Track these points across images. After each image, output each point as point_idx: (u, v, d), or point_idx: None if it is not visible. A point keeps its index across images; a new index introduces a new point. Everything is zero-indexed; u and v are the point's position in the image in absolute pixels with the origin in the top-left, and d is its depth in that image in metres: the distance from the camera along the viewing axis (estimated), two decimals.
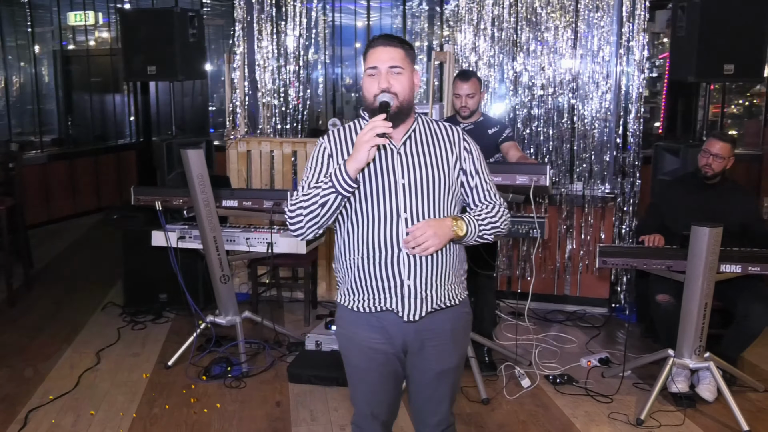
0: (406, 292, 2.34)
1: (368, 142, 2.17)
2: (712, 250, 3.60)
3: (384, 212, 2.33)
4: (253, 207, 4.37)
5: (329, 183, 2.24)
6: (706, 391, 3.99)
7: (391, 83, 2.32)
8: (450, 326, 2.44)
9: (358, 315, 2.41)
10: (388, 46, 2.36)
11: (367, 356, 2.44)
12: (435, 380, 2.48)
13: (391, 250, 2.32)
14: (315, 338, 4.58)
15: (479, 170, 2.46)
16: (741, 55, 4.57)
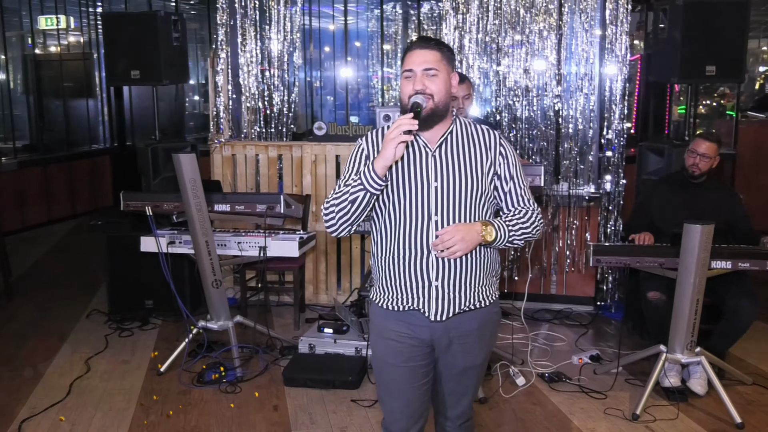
0: (433, 293, 2.39)
1: (394, 140, 2.20)
2: (704, 247, 3.68)
3: (415, 214, 2.38)
4: (245, 211, 4.37)
5: (358, 180, 2.29)
6: (697, 385, 4.07)
7: (426, 85, 2.35)
8: (477, 325, 2.48)
9: (387, 313, 2.47)
10: (424, 49, 2.39)
11: (393, 351, 2.47)
12: (459, 376, 2.55)
13: (420, 251, 2.37)
14: (308, 341, 4.59)
15: (514, 176, 2.48)
16: (722, 57, 4.69)
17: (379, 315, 2.52)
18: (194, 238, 4.35)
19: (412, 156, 2.40)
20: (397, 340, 2.46)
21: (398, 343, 2.46)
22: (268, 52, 5.93)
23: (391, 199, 2.39)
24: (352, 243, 5.70)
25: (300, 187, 5.67)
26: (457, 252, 2.32)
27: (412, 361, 2.47)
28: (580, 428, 3.74)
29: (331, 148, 5.59)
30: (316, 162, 5.63)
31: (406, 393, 2.52)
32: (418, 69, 2.36)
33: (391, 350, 2.48)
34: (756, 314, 4.08)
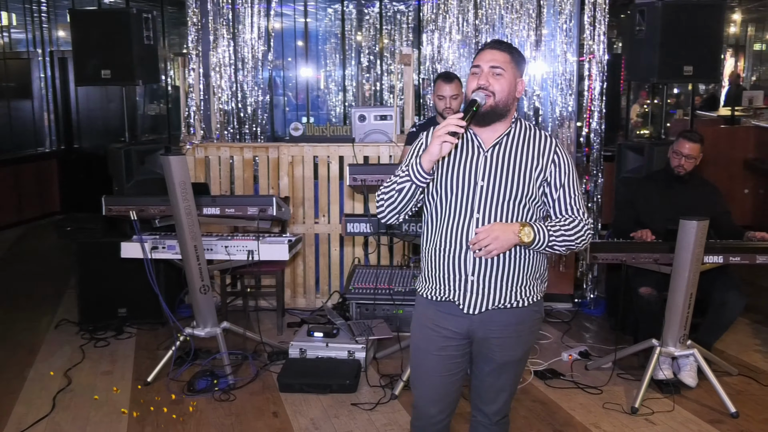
0: (469, 287, 2.49)
1: (439, 138, 2.32)
2: (699, 243, 3.83)
3: (459, 210, 2.48)
4: (236, 214, 4.31)
5: (407, 172, 2.43)
6: (688, 377, 4.23)
7: (489, 82, 2.44)
8: (515, 321, 2.55)
9: (427, 302, 2.58)
10: (495, 50, 2.50)
11: (428, 338, 2.59)
12: (496, 371, 2.62)
13: (459, 245, 2.48)
14: (299, 346, 4.56)
15: (565, 184, 2.51)
16: (699, 57, 4.87)
17: (421, 303, 2.64)
18: (182, 243, 4.27)
19: (466, 154, 2.50)
20: (433, 329, 2.57)
21: (433, 332, 2.57)
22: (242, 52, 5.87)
23: (439, 193, 2.51)
24: (330, 245, 5.69)
25: (277, 189, 5.63)
26: (493, 251, 2.40)
27: (444, 351, 2.57)
28: (584, 423, 3.84)
29: (309, 150, 5.57)
30: (293, 163, 5.60)
31: (435, 380, 2.61)
32: (485, 66, 2.47)
33: (425, 337, 2.59)
34: (742, 306, 4.27)
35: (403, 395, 4.15)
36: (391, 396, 4.14)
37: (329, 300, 5.70)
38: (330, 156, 5.56)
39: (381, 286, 5.07)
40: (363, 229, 4.27)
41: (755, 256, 4.02)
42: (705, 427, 3.80)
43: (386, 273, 5.21)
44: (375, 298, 5.00)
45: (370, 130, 5.72)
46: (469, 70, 2.54)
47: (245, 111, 5.98)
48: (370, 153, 5.52)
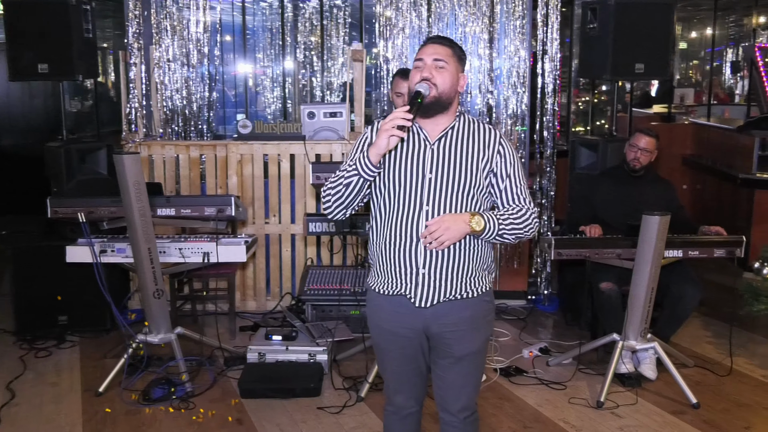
0: (420, 280, 2.55)
1: (387, 131, 2.37)
2: (661, 237, 3.98)
3: (408, 203, 2.54)
4: (192, 215, 4.24)
5: (354, 165, 2.48)
6: (649, 370, 4.39)
7: (432, 74, 2.52)
8: (469, 313, 2.62)
9: (379, 297, 2.64)
10: (437, 44, 2.59)
11: (386, 339, 2.68)
12: (456, 365, 2.66)
13: (410, 238, 2.54)
14: (257, 350, 4.51)
15: (510, 174, 2.61)
16: (650, 55, 5.06)
17: (374, 301, 2.69)
18: (135, 246, 4.18)
19: (413, 147, 2.57)
20: (391, 330, 2.64)
21: (392, 333, 2.64)
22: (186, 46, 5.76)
23: (387, 186, 2.57)
24: (282, 246, 5.65)
25: (225, 189, 5.55)
26: (445, 242, 2.48)
27: (406, 349, 2.66)
28: (553, 419, 3.93)
29: (259, 148, 5.51)
30: (242, 162, 5.53)
31: (401, 376, 2.73)
32: (428, 59, 2.55)
33: (385, 339, 2.68)
34: (699, 299, 4.46)
35: (370, 397, 4.17)
36: (357, 398, 4.15)
37: (280, 302, 5.66)
38: (281, 154, 5.52)
39: (336, 287, 5.07)
40: (325, 228, 4.27)
41: (713, 250, 4.21)
42: (669, 418, 3.95)
43: (340, 273, 5.21)
44: (332, 299, 5.01)
45: (319, 127, 5.70)
46: (412, 64, 2.61)
47: (190, 108, 5.86)
48: (322, 151, 5.51)
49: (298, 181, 5.54)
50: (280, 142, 5.50)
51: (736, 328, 5.07)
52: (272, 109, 10.53)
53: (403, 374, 2.73)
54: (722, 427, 3.87)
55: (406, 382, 2.75)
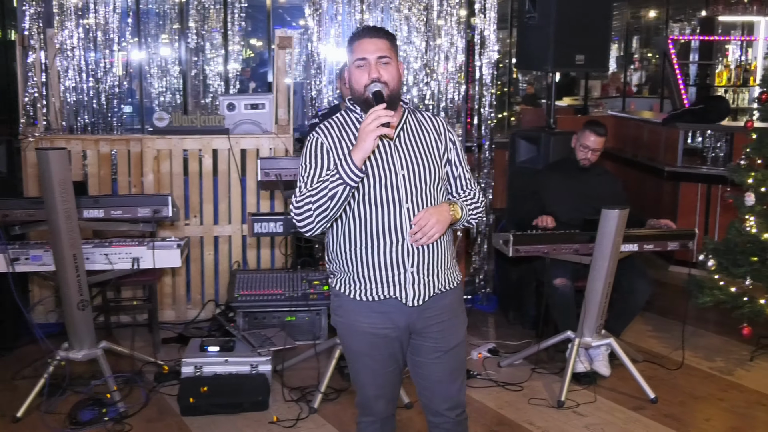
0: (409, 279, 2.60)
1: (373, 132, 2.38)
2: (620, 232, 4.14)
3: (387, 203, 2.57)
4: (124, 216, 4.05)
5: (336, 175, 2.42)
6: (603, 367, 4.56)
7: (381, 73, 2.56)
8: (447, 301, 2.70)
9: (359, 304, 2.64)
10: (375, 38, 2.61)
11: (368, 342, 2.67)
12: (445, 359, 2.73)
13: (394, 239, 2.58)
14: (193, 363, 4.35)
15: (462, 161, 2.78)
16: (590, 47, 5.25)
17: (349, 308, 2.68)
18: (58, 252, 3.94)
19: (377, 146, 2.56)
20: (374, 332, 2.65)
21: (374, 336, 2.65)
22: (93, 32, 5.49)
23: (361, 190, 2.56)
24: (204, 249, 5.48)
25: (140, 188, 5.34)
26: (435, 235, 2.55)
27: (387, 349, 2.69)
28: (517, 422, 4.02)
29: (178, 142, 5.33)
30: (159, 158, 5.33)
31: (383, 379, 2.74)
32: (371, 57, 2.57)
33: (367, 343, 2.68)
34: (649, 293, 4.66)
35: (323, 408, 4.12)
36: (310, 410, 4.10)
37: (201, 311, 5.49)
38: (203, 149, 5.35)
39: (269, 292, 4.98)
40: (273, 229, 4.17)
41: (667, 243, 4.42)
42: (631, 414, 4.12)
43: (271, 277, 5.11)
44: (268, 305, 4.92)
45: (240, 120, 5.58)
46: (351, 64, 2.62)
47: (98, 99, 5.60)
48: (248, 146, 5.38)
49: (221, 178, 5.39)
50: (202, 136, 5.33)
51: (676, 321, 5.35)
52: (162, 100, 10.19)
53: (385, 377, 2.75)
54: (683, 420, 4.07)
55: (388, 385, 2.78)
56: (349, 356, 2.79)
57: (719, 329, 5.33)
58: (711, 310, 5.19)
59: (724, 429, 4.01)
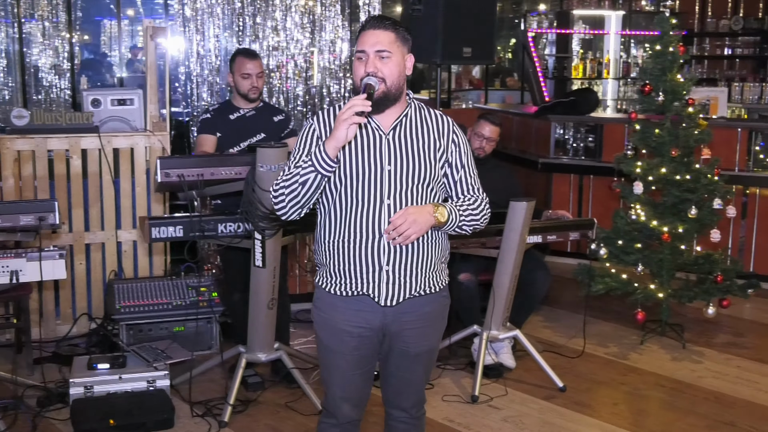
0: (384, 277, 2.64)
1: (346, 121, 2.43)
2: (527, 223, 4.35)
3: (368, 197, 2.61)
4: (5, 225, 3.81)
5: (309, 162, 2.51)
6: (508, 359, 4.77)
7: (378, 67, 2.59)
8: (429, 309, 2.76)
9: (335, 298, 2.70)
10: (378, 29, 2.61)
11: (340, 339, 2.72)
12: (413, 363, 2.81)
13: (371, 235, 2.62)
14: (83, 383, 4.16)
15: (465, 164, 2.78)
16: (476, 40, 5.47)
17: (326, 302, 2.75)
18: None
19: (366, 139, 2.64)
20: (346, 329, 2.70)
21: (347, 333, 2.70)
22: None
23: (343, 182, 2.63)
24: (75, 258, 5.22)
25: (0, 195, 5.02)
26: (411, 236, 2.58)
27: (358, 350, 2.73)
28: (437, 419, 4.13)
29: (41, 142, 5.04)
30: (20, 160, 5.03)
31: (350, 380, 2.81)
32: (370, 50, 2.60)
33: (338, 339, 2.73)
34: (549, 283, 4.93)
35: (234, 421, 4.07)
36: (220, 424, 4.03)
37: (73, 326, 5.23)
38: (71, 149, 5.10)
39: (154, 301, 4.84)
40: (172, 233, 4.05)
41: (568, 233, 4.70)
42: (544, 404, 4.35)
43: (153, 285, 4.97)
44: (155, 316, 4.77)
45: (107, 117, 5.37)
46: (353, 54, 2.68)
47: None
48: (121, 144, 5.18)
49: (92, 180, 5.16)
50: (70, 135, 5.08)
51: (564, 311, 5.69)
52: None
53: (353, 379, 2.79)
54: (593, 407, 4.34)
55: (355, 389, 2.82)
56: (320, 353, 2.84)
57: (607, 316, 5.71)
58: (596, 298, 5.53)
59: (632, 412, 4.32)
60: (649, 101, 5.20)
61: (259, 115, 4.57)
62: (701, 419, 4.20)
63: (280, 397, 4.38)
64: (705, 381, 4.68)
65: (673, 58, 5.14)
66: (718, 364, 4.93)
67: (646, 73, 5.23)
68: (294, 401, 4.31)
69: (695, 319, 5.59)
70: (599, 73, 9.57)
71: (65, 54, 9.87)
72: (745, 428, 4.11)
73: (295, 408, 4.25)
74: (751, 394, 4.52)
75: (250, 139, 4.52)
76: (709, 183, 5.14)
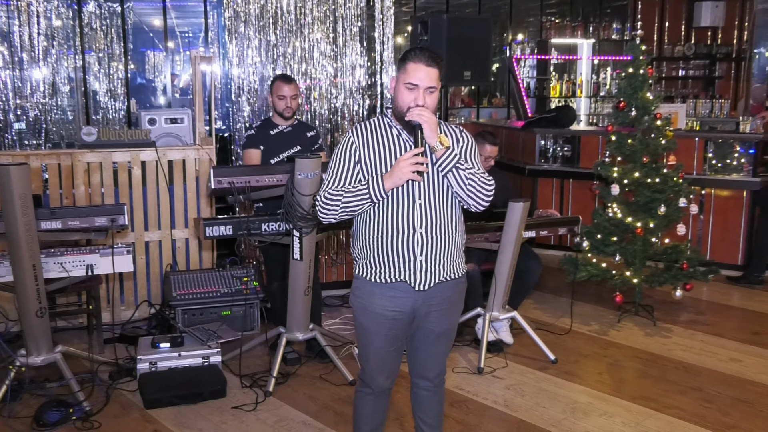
0: (418, 266, 2.66)
1: (408, 174, 2.53)
2: (523, 220, 4.34)
3: (402, 199, 2.63)
4: (81, 227, 3.80)
5: (366, 193, 2.58)
6: (507, 336, 4.75)
7: (426, 101, 2.59)
8: (451, 293, 2.78)
9: (374, 285, 2.71)
10: (430, 66, 2.60)
11: (377, 321, 2.74)
12: (437, 339, 2.83)
13: (406, 230, 2.64)
14: (148, 359, 4.16)
15: (471, 158, 2.72)
16: (475, 64, 5.45)
17: (365, 289, 2.75)
18: (17, 264, 3.65)
19: (401, 151, 2.65)
20: (382, 313, 2.72)
21: (382, 316, 2.72)
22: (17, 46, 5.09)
23: None
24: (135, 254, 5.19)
25: (72, 200, 5.00)
26: (425, 116, 2.52)
27: (392, 330, 2.75)
28: (449, 388, 4.08)
29: (107, 155, 5.03)
30: (89, 171, 5.01)
31: (383, 356, 2.81)
32: (422, 85, 2.59)
33: (375, 322, 2.75)
34: (540, 271, 4.92)
35: (277, 391, 4.06)
36: (266, 394, 4.02)
37: (136, 311, 5.22)
38: (132, 161, 5.09)
39: (205, 290, 4.82)
40: (223, 232, 4.04)
41: (557, 229, 4.69)
42: (540, 374, 4.33)
43: (203, 276, 4.95)
44: (205, 302, 4.75)
45: (162, 133, 5.37)
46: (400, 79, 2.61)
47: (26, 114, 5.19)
48: (175, 156, 5.18)
49: (150, 187, 5.15)
50: (131, 149, 5.07)
51: (551, 295, 5.67)
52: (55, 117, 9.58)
53: (387, 355, 2.81)
54: (581, 376, 4.33)
55: (389, 362, 2.84)
56: (359, 333, 2.84)
57: (589, 299, 5.69)
58: (579, 284, 5.49)
59: (613, 380, 4.30)
60: (623, 116, 5.18)
61: (294, 130, 4.56)
62: (672, 385, 4.19)
63: (315, 370, 4.38)
64: (674, 353, 4.67)
65: (643, 79, 5.12)
66: (684, 339, 4.92)
67: (621, 91, 5.21)
68: (327, 373, 4.30)
69: (664, 300, 5.57)
70: (573, 92, 9.52)
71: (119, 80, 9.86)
72: (710, 392, 4.10)
73: (328, 379, 4.24)
74: (714, 363, 4.51)
75: (287, 150, 4.51)
76: (675, 185, 5.13)
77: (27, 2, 5.26)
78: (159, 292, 5.26)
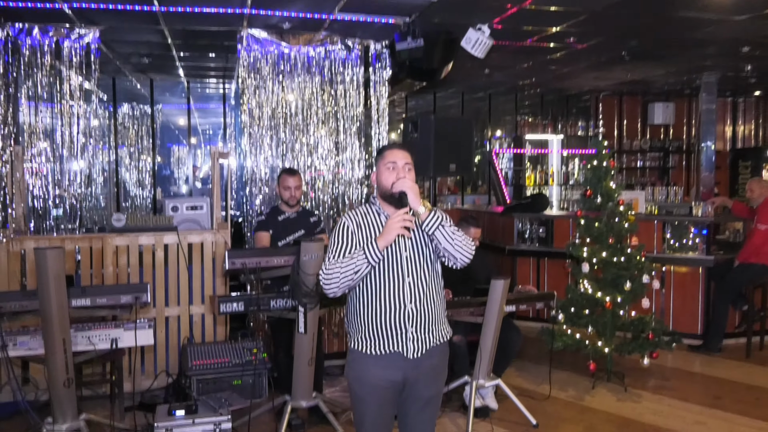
0: (409, 337, 2.66)
1: (397, 230, 2.51)
2: (504, 296, 4.31)
3: (392, 278, 2.65)
4: (108, 304, 3.76)
5: (363, 256, 2.55)
6: (492, 402, 4.65)
7: (406, 175, 2.68)
8: (437, 359, 2.77)
9: (368, 357, 2.68)
10: (402, 150, 2.76)
11: (370, 391, 2.72)
12: (425, 405, 2.78)
13: (397, 306, 2.64)
14: (164, 426, 4.02)
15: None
16: (459, 157, 5.53)
17: (361, 361, 2.72)
18: (49, 338, 3.59)
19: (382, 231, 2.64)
20: (376, 383, 2.69)
21: (376, 386, 2.69)
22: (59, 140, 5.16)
23: (374, 267, 2.63)
24: (156, 328, 5.13)
25: (101, 279, 4.97)
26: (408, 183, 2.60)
27: (385, 398, 2.73)
28: None
29: (134, 239, 5.03)
30: (117, 253, 5.00)
31: (377, 422, 2.76)
32: (400, 162, 2.70)
33: (369, 391, 2.72)
34: (521, 341, 4.84)
35: None
36: None
37: (155, 381, 5.11)
38: (156, 244, 5.08)
39: (219, 360, 4.72)
40: (236, 308, 4.01)
41: (535, 303, 4.66)
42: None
43: (217, 348, 4.85)
44: (219, 372, 4.64)
45: (183, 219, 5.38)
46: (380, 164, 2.71)
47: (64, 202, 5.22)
48: (194, 240, 5.17)
49: (171, 267, 5.12)
50: (155, 233, 5.07)
51: (531, 363, 5.57)
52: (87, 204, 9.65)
53: (378, 421, 2.75)
54: None
55: (380, 428, 2.77)
56: (354, 401, 2.80)
57: (565, 366, 5.59)
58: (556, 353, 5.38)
59: None
60: (590, 202, 5.23)
61: (299, 217, 4.59)
62: None
63: None
64: (645, 417, 4.56)
65: (606, 170, 5.20)
66: (653, 403, 4.81)
67: (587, 181, 5.28)
68: None
69: (633, 367, 5.47)
70: (546, 181, 9.66)
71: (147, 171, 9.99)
72: None
73: None
74: (681, 426, 4.40)
75: (293, 234, 4.53)
76: (638, 263, 5.13)
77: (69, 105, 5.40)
78: (177, 362, 5.16)
